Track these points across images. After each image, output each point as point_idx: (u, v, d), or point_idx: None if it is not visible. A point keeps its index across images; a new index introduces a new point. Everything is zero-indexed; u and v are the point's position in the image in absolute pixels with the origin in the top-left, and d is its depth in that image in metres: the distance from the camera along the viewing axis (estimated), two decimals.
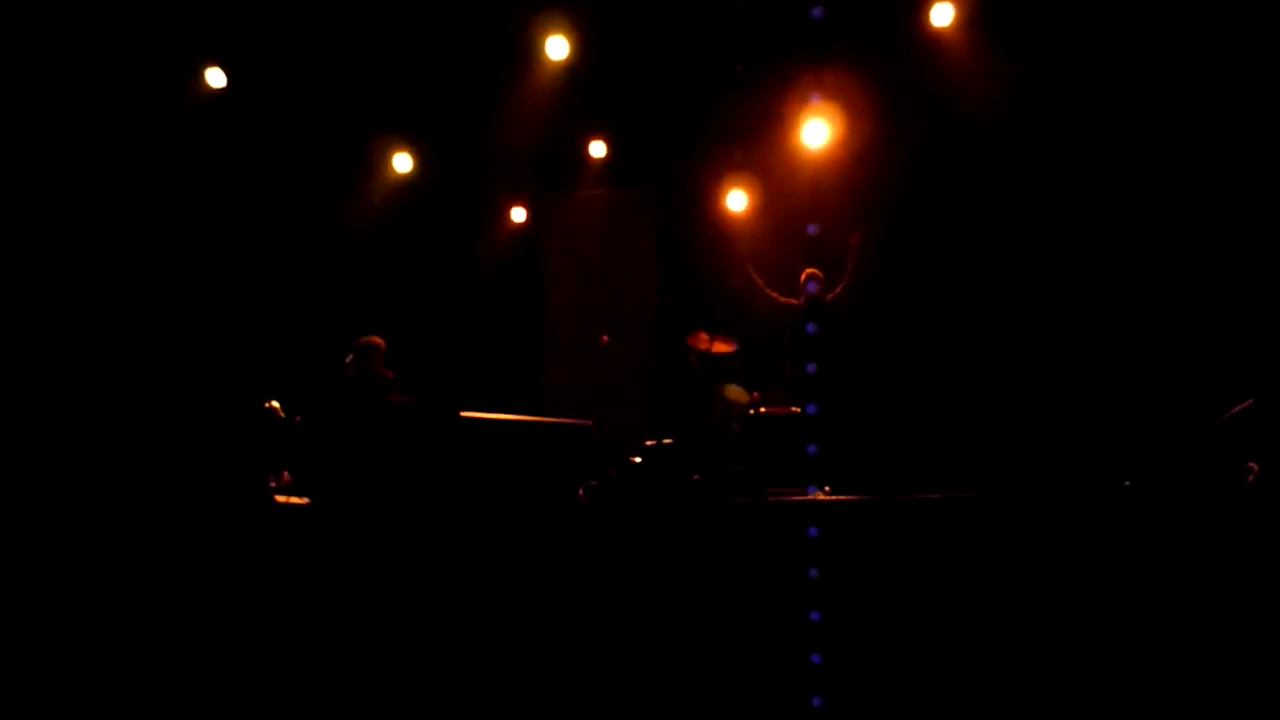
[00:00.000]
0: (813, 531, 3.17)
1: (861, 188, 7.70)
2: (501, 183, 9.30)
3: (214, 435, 5.91)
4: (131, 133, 7.67)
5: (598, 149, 8.84)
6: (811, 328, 6.77)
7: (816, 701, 3.04)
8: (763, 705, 3.13)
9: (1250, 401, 3.90)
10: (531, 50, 7.63)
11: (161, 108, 7.81)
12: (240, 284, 8.28)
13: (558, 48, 7.52)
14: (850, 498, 3.78)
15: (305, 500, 5.48)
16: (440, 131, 8.77)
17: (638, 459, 5.47)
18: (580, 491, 4.86)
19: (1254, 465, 3.61)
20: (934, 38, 7.29)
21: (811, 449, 6.36)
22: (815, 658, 3.07)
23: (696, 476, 6.09)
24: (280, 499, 5.57)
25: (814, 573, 3.12)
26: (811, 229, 6.94)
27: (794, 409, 6.67)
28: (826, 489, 5.02)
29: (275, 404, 6.05)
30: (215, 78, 7.79)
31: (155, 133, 7.79)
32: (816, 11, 6.62)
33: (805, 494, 4.63)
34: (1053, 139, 7.13)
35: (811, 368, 6.73)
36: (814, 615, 3.09)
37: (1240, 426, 3.81)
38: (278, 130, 8.47)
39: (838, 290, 6.97)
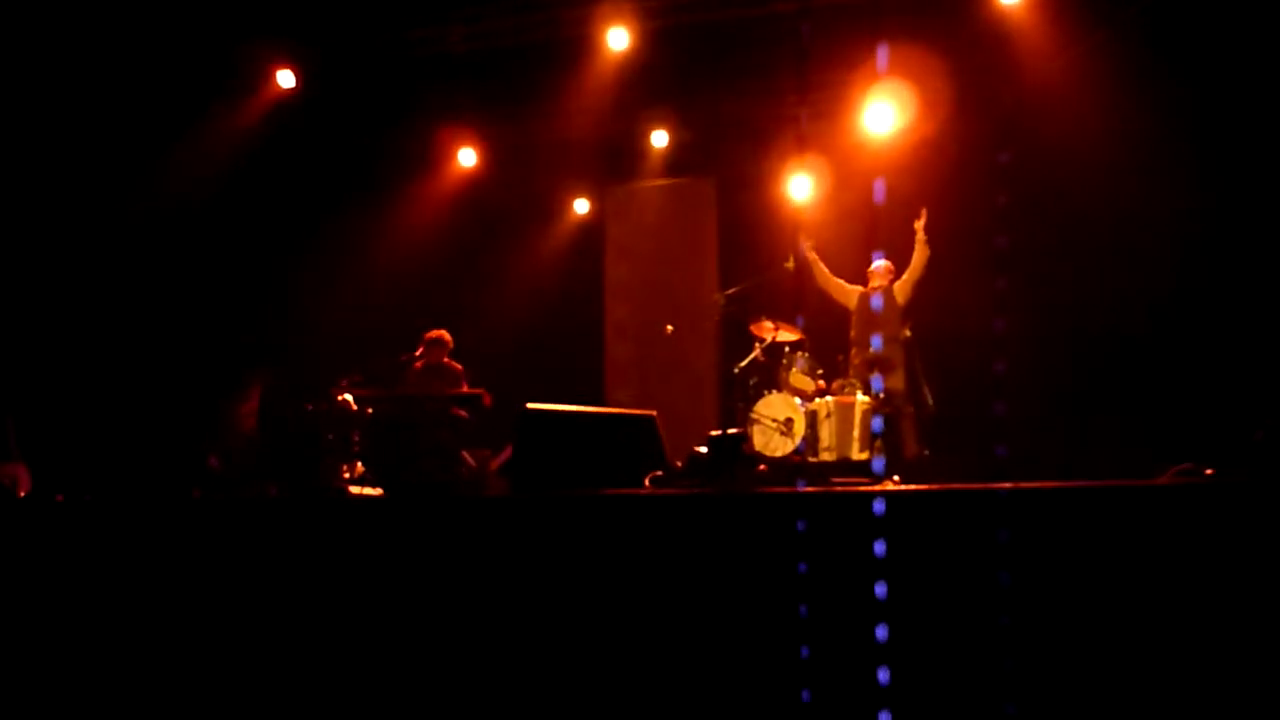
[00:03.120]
0: (879, 508, 3.13)
1: (928, 170, 7.57)
2: (564, 174, 9.37)
3: (289, 428, 6.08)
4: (207, 130, 7.91)
5: (659, 138, 8.84)
6: (877, 303, 6.69)
7: (883, 676, 3.02)
8: (829, 680, 3.12)
9: None
10: (592, 41, 7.63)
11: (232, 104, 8.02)
12: (308, 278, 8.47)
13: (618, 38, 7.51)
14: (919, 487, 3.73)
15: (379, 491, 5.59)
16: (503, 125, 8.86)
17: (702, 449, 5.46)
18: (645, 482, 4.87)
19: None
20: (1004, 15, 7.10)
21: (877, 426, 6.30)
22: (881, 632, 3.04)
23: (763, 467, 6.07)
24: (354, 490, 5.70)
25: (880, 550, 3.09)
26: (878, 199, 6.83)
27: (861, 396, 6.60)
28: (895, 479, 4.96)
29: (348, 396, 6.18)
30: (285, 78, 7.97)
31: (227, 130, 8.01)
32: None
33: (872, 484, 4.58)
34: (1129, 116, 6.89)
35: (876, 343, 6.65)
36: (880, 591, 3.06)
37: None
38: (344, 128, 8.64)
39: (904, 276, 6.87)
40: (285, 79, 7.98)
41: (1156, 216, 6.70)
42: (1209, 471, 3.71)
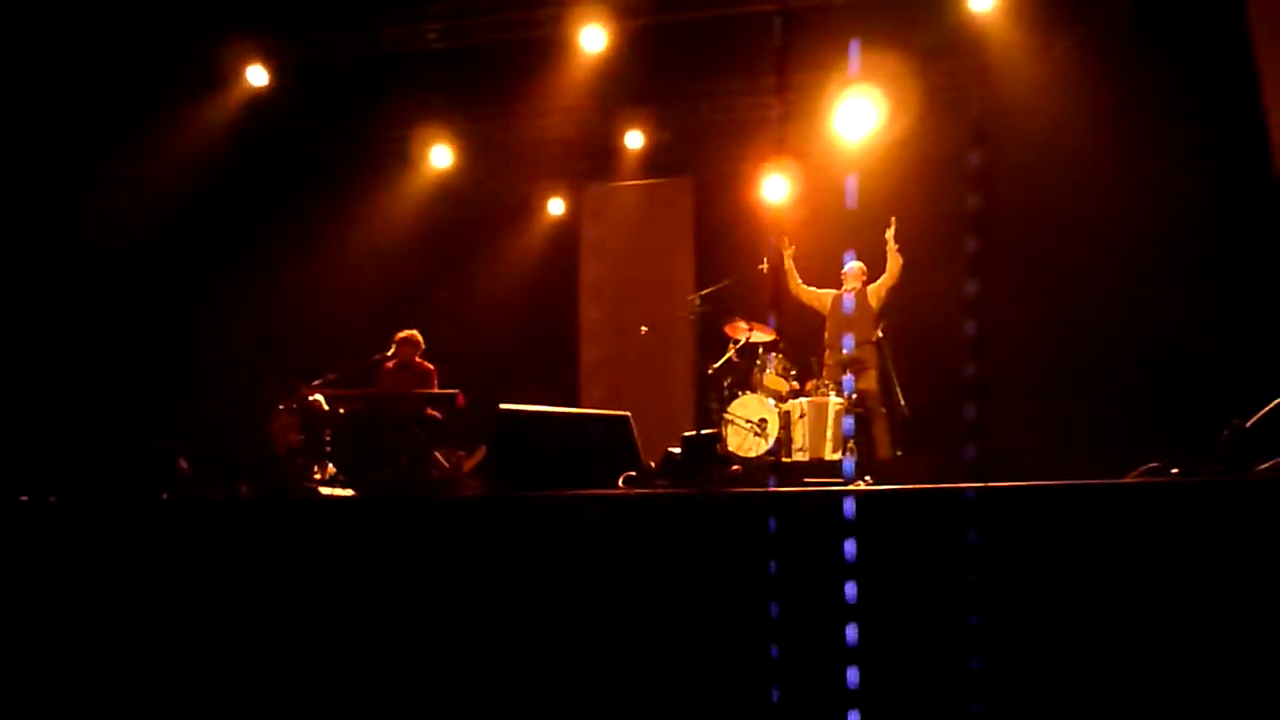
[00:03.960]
0: (849, 508, 3.14)
1: (903, 171, 7.62)
2: (539, 174, 9.36)
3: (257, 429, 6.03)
4: (176, 127, 7.82)
5: (635, 138, 8.84)
6: (849, 304, 6.73)
7: (852, 676, 3.03)
8: (798, 680, 3.13)
9: None
10: (568, 40, 7.61)
11: (202, 102, 7.94)
12: (279, 276, 8.39)
13: (594, 37, 7.50)
14: (888, 488, 3.75)
15: (349, 492, 5.55)
16: (479, 124, 8.83)
17: (676, 449, 5.46)
18: (619, 482, 4.87)
19: None
20: (977, 20, 7.16)
21: (849, 427, 6.33)
22: (850, 632, 3.05)
23: (737, 467, 6.08)
24: (324, 491, 5.65)
25: (850, 551, 3.10)
26: (850, 200, 6.87)
27: (834, 398, 6.64)
28: (867, 479, 4.98)
29: (319, 396, 6.13)
30: (257, 75, 7.89)
31: (197, 128, 7.92)
32: None
33: (843, 484, 4.60)
34: (1100, 119, 6.96)
35: (848, 344, 6.69)
36: (850, 591, 3.08)
37: None
38: (317, 126, 8.58)
39: (879, 281, 6.91)
40: (257, 76, 7.90)
41: (1130, 215, 6.78)
42: (1175, 471, 3.75)
